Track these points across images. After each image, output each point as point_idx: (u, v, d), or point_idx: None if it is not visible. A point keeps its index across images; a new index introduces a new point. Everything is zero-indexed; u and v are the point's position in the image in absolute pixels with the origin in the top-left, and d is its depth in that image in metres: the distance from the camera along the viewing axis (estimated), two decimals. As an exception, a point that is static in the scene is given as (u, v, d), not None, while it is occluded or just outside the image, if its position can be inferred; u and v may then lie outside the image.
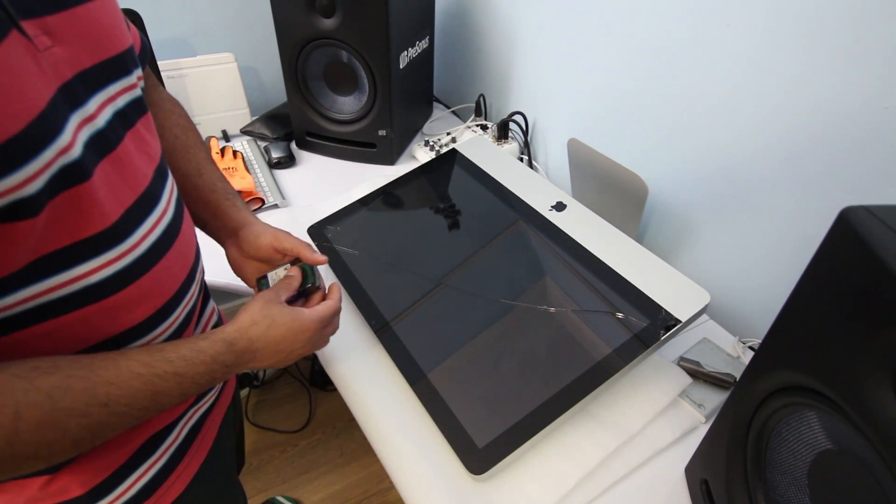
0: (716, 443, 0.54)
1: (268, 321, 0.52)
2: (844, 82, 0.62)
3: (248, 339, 0.51)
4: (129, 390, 0.41)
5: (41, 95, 0.35)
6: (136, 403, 0.42)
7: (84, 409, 0.38)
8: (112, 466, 0.49)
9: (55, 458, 0.39)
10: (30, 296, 0.37)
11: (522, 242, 0.77)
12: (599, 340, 0.64)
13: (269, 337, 0.52)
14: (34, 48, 0.35)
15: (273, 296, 0.56)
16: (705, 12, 0.74)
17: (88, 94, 0.40)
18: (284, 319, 0.53)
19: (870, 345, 0.34)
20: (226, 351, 0.49)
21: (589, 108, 1.02)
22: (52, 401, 0.36)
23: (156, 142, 0.50)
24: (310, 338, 0.56)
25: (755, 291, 0.82)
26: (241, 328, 0.51)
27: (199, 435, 0.59)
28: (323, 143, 1.17)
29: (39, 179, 0.34)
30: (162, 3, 1.17)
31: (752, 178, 0.75)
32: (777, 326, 0.44)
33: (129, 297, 0.44)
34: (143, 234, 0.44)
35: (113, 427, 0.41)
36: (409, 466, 0.61)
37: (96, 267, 0.40)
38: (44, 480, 0.46)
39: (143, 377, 0.42)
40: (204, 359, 0.46)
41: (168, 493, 0.55)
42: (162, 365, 0.43)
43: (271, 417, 1.55)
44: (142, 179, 0.46)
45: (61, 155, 0.36)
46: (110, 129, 0.42)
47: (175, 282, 0.49)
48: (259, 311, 0.53)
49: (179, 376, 0.44)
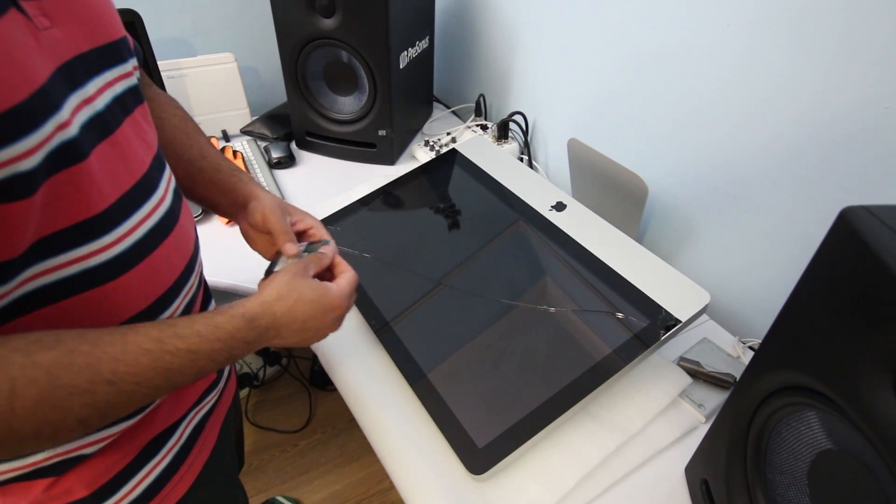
0: (716, 443, 0.54)
1: (294, 295, 0.49)
2: (844, 83, 0.62)
3: (272, 315, 0.48)
4: (138, 367, 0.39)
5: (41, 71, 0.35)
6: (146, 381, 0.40)
7: (88, 386, 0.36)
8: (116, 468, 0.49)
9: (60, 437, 0.37)
10: (29, 276, 0.37)
11: (522, 242, 0.77)
12: (599, 340, 0.64)
13: (296, 313, 0.49)
14: (34, 27, 0.36)
15: (301, 269, 0.52)
16: (705, 12, 0.74)
17: (88, 77, 0.40)
18: (312, 295, 0.50)
19: (870, 345, 0.34)
20: (245, 327, 0.46)
21: (589, 108, 1.02)
22: (51, 377, 0.35)
23: (153, 132, 0.50)
24: (339, 316, 0.53)
25: (755, 291, 0.82)
26: (265, 302, 0.48)
27: (202, 435, 0.59)
28: (323, 143, 1.17)
29: (38, 153, 0.34)
30: (162, 3, 1.17)
31: (752, 177, 0.75)
32: (777, 326, 0.44)
33: (127, 284, 0.43)
34: (140, 219, 0.44)
35: (122, 406, 0.40)
36: (409, 466, 0.61)
37: (94, 251, 0.40)
38: (48, 482, 0.46)
39: (153, 353, 0.40)
40: (221, 335, 0.44)
41: (171, 493, 0.54)
42: (174, 341, 0.41)
43: (271, 417, 1.55)
44: (140, 165, 0.45)
45: (60, 130, 0.35)
46: (109, 112, 0.42)
47: (174, 271, 0.49)
48: (286, 285, 0.50)
49: (193, 353, 0.42)
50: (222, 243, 0.89)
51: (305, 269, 0.53)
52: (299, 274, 0.52)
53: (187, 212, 0.54)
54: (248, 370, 1.59)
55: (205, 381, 0.58)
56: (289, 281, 0.50)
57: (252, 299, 0.48)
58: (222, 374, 0.63)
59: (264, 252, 0.64)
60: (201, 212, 0.97)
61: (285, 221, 0.60)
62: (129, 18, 0.99)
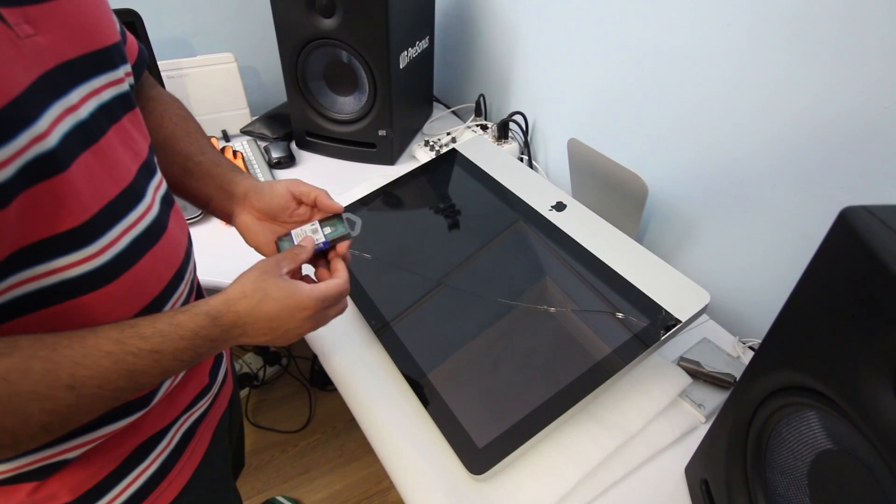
0: (716, 443, 0.54)
1: (260, 294, 0.47)
2: (844, 83, 0.62)
3: (236, 314, 0.46)
4: (99, 370, 0.38)
5: (18, 81, 0.35)
6: (108, 384, 0.39)
7: (47, 392, 0.35)
8: (102, 472, 0.48)
9: (22, 445, 0.37)
10: (8, 286, 0.36)
11: (522, 242, 0.77)
12: (599, 340, 0.64)
13: (261, 312, 0.47)
14: (14, 35, 0.35)
15: (271, 266, 0.50)
16: (705, 12, 0.74)
17: (72, 85, 0.40)
18: (279, 294, 0.48)
19: (870, 345, 0.34)
20: (209, 325, 0.45)
21: (589, 108, 1.02)
22: (7, 384, 0.34)
23: (143, 140, 0.49)
24: (308, 316, 0.51)
25: (755, 291, 0.82)
26: (230, 300, 0.47)
27: (193, 441, 0.58)
28: (323, 143, 1.17)
29: (11, 166, 0.33)
30: (162, 3, 1.17)
31: (753, 177, 0.75)
32: (777, 326, 0.44)
33: (108, 296, 0.42)
34: (123, 228, 0.43)
35: (85, 411, 0.39)
36: (409, 466, 0.61)
37: (74, 262, 0.39)
38: (32, 487, 0.45)
39: (114, 355, 0.39)
40: (183, 333, 0.43)
41: (160, 500, 0.54)
42: (135, 342, 0.40)
43: (271, 417, 1.55)
44: (125, 173, 0.44)
45: (36, 142, 0.35)
46: (93, 121, 0.42)
47: (160, 282, 0.48)
48: (252, 283, 0.48)
49: (157, 353, 0.41)
50: (221, 243, 0.89)
51: (277, 265, 0.51)
52: (269, 272, 0.50)
53: (178, 220, 0.53)
54: (248, 370, 1.59)
55: (197, 386, 0.57)
56: (255, 278, 0.49)
57: (216, 297, 0.47)
58: (216, 378, 0.62)
59: (265, 245, 0.62)
60: (201, 212, 0.97)
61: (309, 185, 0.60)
62: (129, 18, 0.99)
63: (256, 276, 0.49)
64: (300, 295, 0.49)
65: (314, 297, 0.50)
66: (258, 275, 0.49)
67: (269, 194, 0.59)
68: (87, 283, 0.41)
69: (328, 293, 0.52)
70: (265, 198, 0.59)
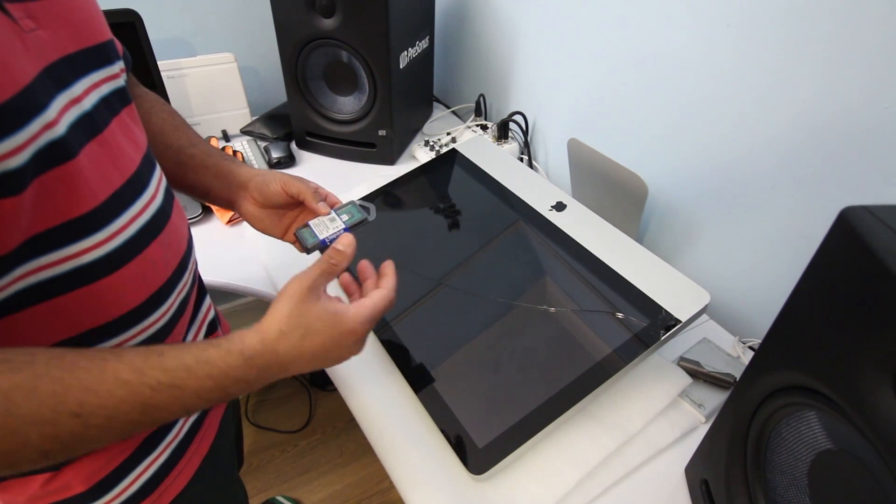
0: (716, 443, 0.54)
1: (300, 331, 0.43)
2: (844, 82, 0.62)
3: (274, 353, 0.42)
4: (110, 400, 0.35)
5: (27, 71, 0.35)
6: (120, 416, 0.36)
7: (51, 416, 0.33)
8: (113, 463, 0.49)
9: (21, 467, 0.35)
10: (23, 273, 0.37)
11: (522, 242, 0.77)
12: (599, 340, 0.64)
13: (304, 350, 0.43)
14: (19, 29, 0.36)
15: (307, 291, 0.44)
16: (705, 12, 0.74)
17: (75, 78, 0.41)
18: (322, 326, 0.44)
19: (870, 345, 0.34)
20: (242, 365, 0.41)
21: (589, 108, 1.02)
22: (8, 403, 0.32)
23: (141, 133, 0.50)
24: (358, 340, 0.47)
25: (755, 291, 0.82)
26: (266, 340, 0.42)
27: (200, 431, 0.59)
28: (323, 143, 1.17)
29: (25, 152, 0.34)
30: (162, 3, 1.17)
31: (752, 177, 0.75)
32: (777, 326, 0.44)
33: (120, 281, 0.43)
34: (131, 216, 0.44)
35: (92, 441, 0.36)
36: (409, 466, 0.61)
37: (86, 248, 0.40)
38: (46, 478, 0.46)
39: (131, 385, 0.36)
40: (212, 372, 0.39)
41: (170, 489, 0.55)
42: (156, 374, 0.37)
43: (271, 417, 1.55)
44: (129, 163, 0.45)
45: (47, 129, 0.36)
46: (97, 112, 0.42)
47: (167, 268, 0.49)
48: (288, 318, 0.43)
49: (177, 389, 0.38)
50: (221, 243, 0.89)
51: (313, 288, 0.45)
52: (306, 299, 0.44)
53: (179, 211, 0.54)
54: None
55: None
56: (291, 311, 0.43)
57: (252, 333, 0.43)
58: None
59: (271, 229, 0.62)
60: (201, 212, 0.97)
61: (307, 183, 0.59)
62: (129, 18, 0.99)
63: (292, 309, 0.44)
64: (347, 322, 0.45)
65: (361, 320, 0.46)
66: (294, 306, 0.44)
67: (266, 190, 0.60)
68: (101, 267, 0.41)
69: (376, 310, 0.47)
70: (264, 191, 0.60)
